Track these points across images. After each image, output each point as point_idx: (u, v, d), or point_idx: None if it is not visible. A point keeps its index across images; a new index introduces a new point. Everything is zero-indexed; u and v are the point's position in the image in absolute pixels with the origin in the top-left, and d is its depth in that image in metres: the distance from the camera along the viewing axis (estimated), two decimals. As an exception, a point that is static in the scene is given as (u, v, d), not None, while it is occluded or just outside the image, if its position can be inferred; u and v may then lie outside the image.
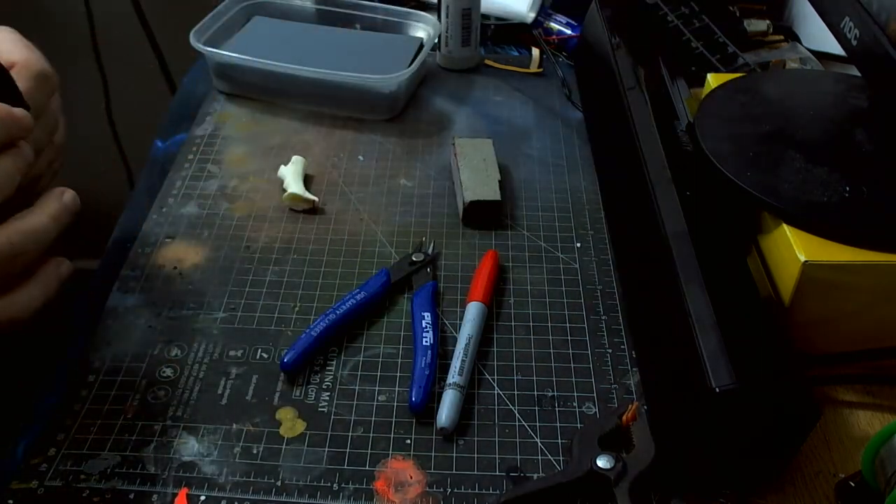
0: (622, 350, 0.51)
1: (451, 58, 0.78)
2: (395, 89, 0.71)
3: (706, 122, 0.56)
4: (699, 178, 0.53)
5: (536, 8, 0.83)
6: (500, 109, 0.74)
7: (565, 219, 0.61)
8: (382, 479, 0.44)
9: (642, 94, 0.58)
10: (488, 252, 0.57)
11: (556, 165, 0.67)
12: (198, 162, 0.66)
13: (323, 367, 0.50)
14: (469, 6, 0.74)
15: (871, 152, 0.52)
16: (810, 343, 0.49)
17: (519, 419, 0.47)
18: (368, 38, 0.78)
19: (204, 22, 0.73)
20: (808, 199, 0.48)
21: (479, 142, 0.65)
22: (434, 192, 0.64)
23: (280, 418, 0.47)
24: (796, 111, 0.57)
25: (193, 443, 0.45)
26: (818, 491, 0.43)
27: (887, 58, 0.47)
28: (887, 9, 0.48)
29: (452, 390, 0.47)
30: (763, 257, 0.51)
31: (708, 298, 0.42)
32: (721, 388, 0.38)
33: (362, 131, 0.71)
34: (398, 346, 0.51)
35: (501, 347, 0.51)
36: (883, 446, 0.39)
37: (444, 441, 0.46)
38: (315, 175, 0.65)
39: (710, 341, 0.40)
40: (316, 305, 0.54)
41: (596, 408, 0.48)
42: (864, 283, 0.46)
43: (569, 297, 0.55)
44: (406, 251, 0.58)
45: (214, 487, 0.43)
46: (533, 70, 0.79)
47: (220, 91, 0.75)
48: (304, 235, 0.60)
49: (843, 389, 0.49)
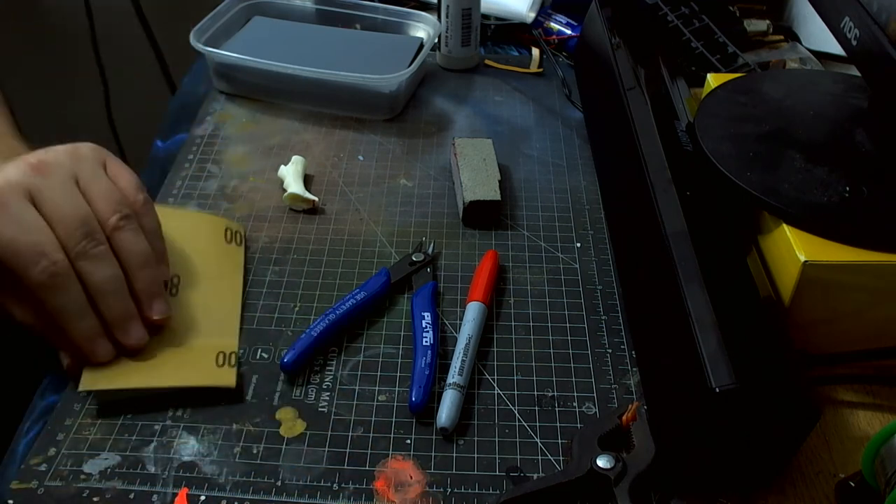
0: (622, 350, 0.51)
1: (451, 58, 0.78)
2: (395, 89, 0.71)
3: (706, 122, 0.56)
4: (699, 178, 0.53)
5: (536, 8, 0.83)
6: (500, 109, 0.74)
7: (565, 219, 0.61)
8: (382, 479, 0.44)
9: (642, 94, 0.58)
10: (488, 252, 0.57)
11: (556, 165, 0.67)
12: (198, 162, 0.66)
13: (323, 367, 0.50)
14: (469, 6, 0.74)
15: (871, 152, 0.52)
16: (810, 343, 0.49)
17: (519, 419, 0.47)
18: (368, 38, 0.78)
19: (204, 22, 0.73)
20: (808, 199, 0.48)
21: (479, 142, 0.65)
22: (434, 192, 0.64)
23: (280, 418, 0.47)
24: (796, 111, 0.57)
25: (193, 443, 0.45)
26: (818, 491, 0.43)
27: (887, 58, 0.47)
28: (887, 9, 0.48)
29: (452, 390, 0.47)
30: (763, 257, 0.51)
31: (708, 298, 0.42)
32: (721, 388, 0.38)
33: (362, 131, 0.71)
34: (398, 346, 0.51)
35: (501, 347, 0.51)
36: (883, 446, 0.39)
37: (444, 441, 0.46)
38: (315, 175, 0.65)
39: (710, 341, 0.40)
40: (316, 305, 0.54)
41: (596, 408, 0.48)
42: (864, 283, 0.46)
43: (569, 297, 0.55)
44: (406, 251, 0.58)
45: (214, 487, 0.43)
46: (533, 70, 0.79)
47: (220, 91, 0.75)
48: (304, 235, 0.60)
49: (843, 389, 0.49)
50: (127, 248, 0.47)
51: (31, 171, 0.46)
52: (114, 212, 0.47)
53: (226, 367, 0.49)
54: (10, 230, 0.44)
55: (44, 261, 0.44)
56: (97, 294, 0.46)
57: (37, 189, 0.45)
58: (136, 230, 0.48)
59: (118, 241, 0.47)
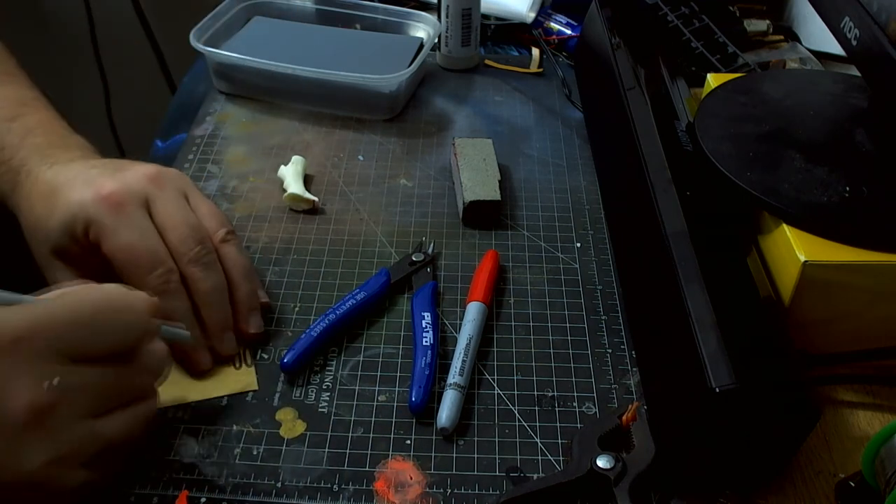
0: (622, 350, 0.51)
1: (451, 58, 0.78)
2: (395, 89, 0.71)
3: (706, 122, 0.56)
4: (699, 178, 0.53)
5: (536, 8, 0.83)
6: (500, 109, 0.74)
7: (565, 219, 0.61)
8: (382, 480, 0.44)
9: (642, 94, 0.58)
10: (488, 252, 0.57)
11: (556, 165, 0.67)
12: (198, 162, 0.66)
13: (323, 368, 0.50)
14: (469, 6, 0.74)
15: (871, 152, 0.52)
16: (810, 343, 0.49)
17: (519, 419, 0.47)
18: (368, 38, 0.78)
19: (204, 22, 0.73)
20: (808, 199, 0.48)
21: (479, 142, 0.65)
22: (434, 192, 0.64)
23: (280, 419, 0.47)
24: (796, 111, 0.57)
25: (194, 444, 0.45)
26: (818, 491, 0.43)
27: (887, 58, 0.47)
28: (887, 9, 0.48)
29: (453, 390, 0.47)
30: (763, 257, 0.51)
31: (708, 298, 0.42)
32: (721, 388, 0.38)
33: (362, 131, 0.71)
34: (398, 346, 0.51)
35: (501, 347, 0.51)
36: (883, 446, 0.39)
37: (444, 441, 0.46)
38: (315, 175, 0.65)
39: (710, 341, 0.40)
40: (316, 305, 0.54)
41: (596, 408, 0.48)
42: (864, 283, 0.46)
43: (569, 297, 0.55)
44: (406, 251, 0.58)
45: (215, 489, 0.43)
46: (533, 70, 0.79)
47: (220, 91, 0.75)
48: (304, 235, 0.60)
49: (843, 389, 0.49)
50: (232, 260, 0.50)
51: (147, 181, 0.48)
52: (220, 226, 0.50)
53: (243, 367, 0.49)
54: (130, 236, 0.46)
55: (161, 267, 0.46)
56: (203, 302, 0.48)
57: (153, 198, 0.48)
58: (239, 245, 0.51)
59: (224, 253, 0.50)
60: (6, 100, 0.55)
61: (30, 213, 0.49)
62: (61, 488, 0.37)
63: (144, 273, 0.46)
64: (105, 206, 0.46)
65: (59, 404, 0.36)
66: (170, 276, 0.47)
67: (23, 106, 0.55)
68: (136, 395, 0.41)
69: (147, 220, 0.48)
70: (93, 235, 0.47)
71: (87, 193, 0.47)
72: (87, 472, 0.38)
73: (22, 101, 0.56)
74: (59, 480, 0.36)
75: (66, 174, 0.49)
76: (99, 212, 0.46)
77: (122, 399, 0.40)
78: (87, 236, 0.47)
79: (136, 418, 0.40)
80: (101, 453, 0.38)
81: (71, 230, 0.47)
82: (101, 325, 0.39)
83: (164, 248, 0.47)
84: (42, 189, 0.49)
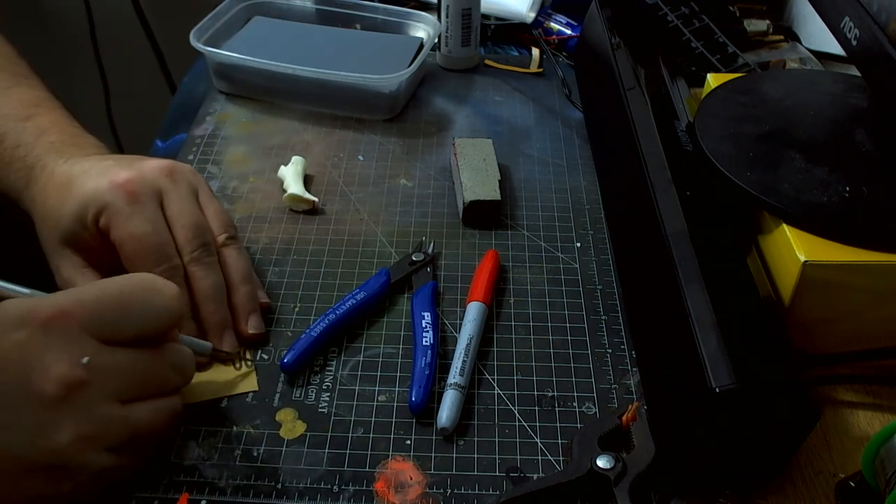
0: (622, 350, 0.51)
1: (451, 58, 0.78)
2: (395, 89, 0.71)
3: (706, 122, 0.56)
4: (699, 178, 0.53)
5: (536, 8, 0.83)
6: (500, 109, 0.74)
7: (565, 219, 0.61)
8: (382, 481, 0.44)
9: (642, 94, 0.58)
10: (488, 252, 0.57)
11: (556, 165, 0.67)
12: (198, 162, 0.66)
13: (323, 368, 0.50)
14: (469, 6, 0.74)
15: (871, 152, 0.52)
16: (810, 343, 0.49)
17: (519, 419, 0.47)
18: (368, 38, 0.78)
19: (204, 22, 0.73)
20: (808, 199, 0.48)
21: (479, 142, 0.65)
22: (434, 192, 0.64)
23: (280, 420, 0.47)
24: (796, 111, 0.57)
25: (194, 446, 0.45)
26: (818, 491, 0.43)
27: (887, 58, 0.47)
28: (887, 9, 0.48)
29: (453, 390, 0.47)
30: (763, 257, 0.51)
31: (708, 298, 0.42)
32: (721, 388, 0.38)
33: (362, 131, 0.71)
34: (398, 346, 0.51)
35: (501, 347, 0.51)
36: (883, 446, 0.39)
37: (445, 441, 0.46)
38: (315, 175, 0.65)
39: (710, 341, 0.40)
40: (316, 305, 0.54)
41: (596, 408, 0.48)
42: (864, 283, 0.46)
43: (569, 297, 0.55)
44: (406, 251, 0.58)
45: (216, 491, 0.43)
46: (533, 70, 0.79)
47: (220, 91, 0.75)
48: (304, 236, 0.60)
49: (843, 389, 0.49)
50: (232, 263, 0.51)
51: (162, 174, 0.49)
52: (223, 229, 0.51)
53: (243, 368, 0.49)
54: (142, 226, 0.47)
55: (166, 262, 0.47)
56: (202, 300, 0.48)
57: (166, 191, 0.49)
58: (240, 249, 0.52)
59: (225, 256, 0.51)
60: (20, 100, 0.56)
61: (44, 204, 0.49)
62: (83, 470, 0.37)
63: (151, 266, 0.46)
64: (120, 193, 0.47)
65: (89, 383, 0.37)
66: (174, 272, 0.47)
67: (36, 107, 0.56)
68: (161, 388, 0.41)
69: (159, 214, 0.48)
70: (103, 222, 0.47)
71: (102, 181, 0.48)
72: (110, 457, 0.38)
73: (35, 102, 0.56)
74: (82, 460, 0.37)
75: (82, 166, 0.50)
76: (114, 198, 0.47)
77: (148, 389, 0.40)
78: (97, 224, 0.47)
79: (160, 411, 0.41)
80: (125, 441, 0.39)
81: (83, 217, 0.47)
82: (132, 306, 0.40)
83: (172, 243, 0.48)
84: (57, 181, 0.49)
